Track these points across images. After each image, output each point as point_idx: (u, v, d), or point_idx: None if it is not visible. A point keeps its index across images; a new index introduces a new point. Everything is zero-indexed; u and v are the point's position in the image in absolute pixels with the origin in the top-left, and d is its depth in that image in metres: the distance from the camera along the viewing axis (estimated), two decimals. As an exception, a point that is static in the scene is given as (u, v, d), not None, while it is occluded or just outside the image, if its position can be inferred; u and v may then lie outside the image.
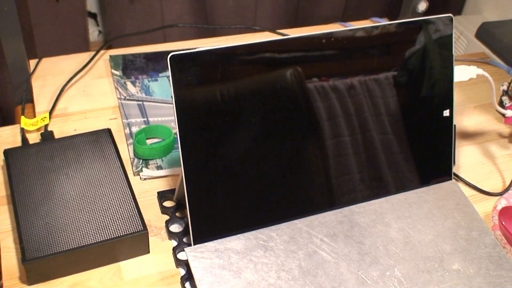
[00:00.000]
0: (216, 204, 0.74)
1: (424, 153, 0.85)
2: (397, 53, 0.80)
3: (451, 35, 0.82)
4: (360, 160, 0.81)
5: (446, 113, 0.84)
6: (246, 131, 0.74)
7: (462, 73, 0.85)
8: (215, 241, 0.75)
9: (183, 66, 0.69)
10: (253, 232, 0.76)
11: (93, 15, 1.41)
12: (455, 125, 0.86)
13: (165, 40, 1.35)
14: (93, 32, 1.43)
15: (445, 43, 0.82)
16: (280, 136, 0.76)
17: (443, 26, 0.81)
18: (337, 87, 0.78)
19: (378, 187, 0.82)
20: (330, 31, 0.76)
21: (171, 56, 0.68)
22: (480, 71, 0.86)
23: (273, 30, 1.21)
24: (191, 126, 0.71)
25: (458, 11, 1.47)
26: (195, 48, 1.11)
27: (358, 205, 0.81)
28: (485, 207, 0.88)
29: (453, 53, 0.83)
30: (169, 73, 0.69)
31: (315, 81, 0.76)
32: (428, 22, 0.80)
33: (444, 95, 0.84)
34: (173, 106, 0.69)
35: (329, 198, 0.80)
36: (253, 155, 0.75)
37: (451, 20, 0.81)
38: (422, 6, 1.22)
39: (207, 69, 0.71)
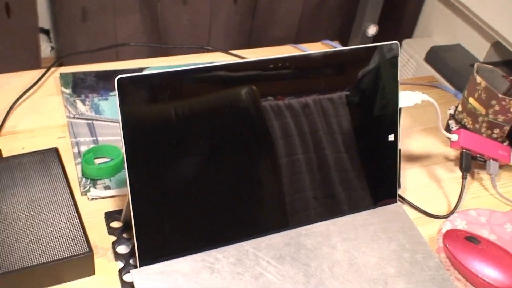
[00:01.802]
0: (162, 226, 0.74)
1: (372, 175, 0.86)
2: (350, 74, 0.82)
3: (397, 62, 0.84)
4: (313, 178, 0.82)
5: (391, 137, 0.86)
6: (196, 152, 0.74)
7: (407, 98, 0.87)
8: (162, 263, 0.74)
9: (131, 88, 0.69)
10: (200, 254, 0.76)
11: (46, 31, 1.40)
12: (399, 149, 0.87)
13: (117, 58, 1.34)
14: (46, 49, 1.41)
15: (391, 69, 0.84)
16: (233, 155, 0.76)
17: (389, 53, 0.83)
18: (292, 106, 0.78)
19: (330, 205, 0.83)
20: (282, 56, 0.77)
21: (118, 78, 0.68)
22: (425, 96, 0.88)
23: (225, 51, 1.22)
24: (138, 148, 0.71)
25: (408, 34, 1.50)
26: (145, 68, 1.12)
27: (305, 227, 0.82)
28: (430, 229, 0.90)
29: (399, 79, 0.84)
30: (116, 95, 0.69)
31: (270, 100, 0.77)
32: (375, 48, 0.82)
33: (389, 119, 0.85)
34: (120, 128, 0.69)
35: (281, 218, 0.80)
36: (202, 176, 0.75)
37: (397, 47, 0.83)
38: (372, 30, 1.25)
39: (155, 91, 0.71)
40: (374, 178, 0.86)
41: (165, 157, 0.73)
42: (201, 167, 0.75)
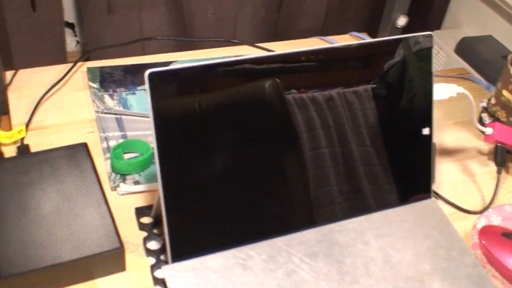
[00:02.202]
0: (194, 222, 0.73)
1: (403, 170, 0.84)
2: (376, 66, 0.80)
3: (431, 53, 0.82)
4: (339, 172, 0.80)
5: (426, 131, 0.84)
6: (225, 146, 0.73)
7: (442, 91, 0.85)
8: (193, 259, 0.74)
9: (161, 82, 0.68)
10: (232, 250, 0.75)
11: (71, 25, 1.39)
12: (434, 143, 0.86)
13: (143, 51, 1.34)
14: (71, 42, 1.41)
15: (425, 61, 0.82)
16: (259, 149, 0.75)
17: (423, 44, 0.81)
18: (316, 99, 0.77)
19: (356, 199, 0.82)
20: (311, 49, 0.76)
21: (149, 73, 0.67)
22: (460, 89, 0.86)
23: (252, 44, 1.20)
24: (169, 142, 0.70)
25: (437, 25, 1.48)
26: (172, 62, 1.11)
27: (337, 223, 0.80)
28: (465, 225, 0.88)
29: (433, 71, 0.83)
30: (147, 90, 0.68)
31: (293, 92, 0.76)
32: (408, 39, 0.80)
33: (423, 113, 0.84)
34: (150, 123, 0.68)
35: (308, 213, 0.79)
36: (232, 170, 0.74)
37: (431, 38, 0.81)
38: (402, 21, 1.23)
39: (185, 85, 0.70)
40: (406, 173, 0.85)
41: (195, 151, 0.72)
42: (230, 162, 0.74)
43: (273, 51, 1.18)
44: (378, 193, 0.83)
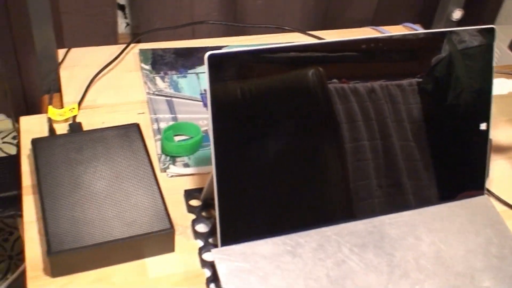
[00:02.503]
0: (245, 207, 0.73)
1: (453, 165, 0.83)
2: (423, 60, 0.79)
3: (492, 47, 0.80)
4: (378, 166, 0.79)
5: (483, 126, 0.83)
6: (273, 132, 0.73)
7: (501, 86, 0.83)
8: (242, 244, 0.73)
9: (220, 65, 0.68)
10: (281, 237, 0.75)
11: (121, 7, 1.40)
12: (490, 139, 0.84)
13: (193, 35, 1.34)
14: (121, 24, 1.42)
15: (485, 55, 0.80)
16: (304, 137, 0.74)
17: (485, 37, 0.79)
18: (357, 90, 0.76)
19: (395, 194, 0.81)
20: (369, 37, 0.75)
21: (209, 55, 0.67)
22: (520, 85, 0.84)
23: (303, 31, 1.19)
24: (225, 126, 0.70)
25: (491, 20, 1.45)
26: (223, 47, 1.10)
27: (389, 215, 0.79)
28: (516, 224, 0.86)
29: (493, 65, 0.81)
30: (203, 73, 0.68)
31: (335, 82, 0.75)
32: (468, 32, 0.79)
33: (481, 107, 0.82)
34: (208, 106, 0.68)
35: (348, 205, 0.78)
36: (280, 157, 0.74)
37: (493, 32, 0.80)
38: (457, 14, 1.20)
39: (241, 69, 0.70)
40: (456, 169, 0.83)
41: (249, 135, 0.72)
42: (279, 147, 0.73)
43: (323, 39, 1.17)
44: (418, 189, 0.81)
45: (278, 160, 0.74)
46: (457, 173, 0.84)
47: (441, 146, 0.82)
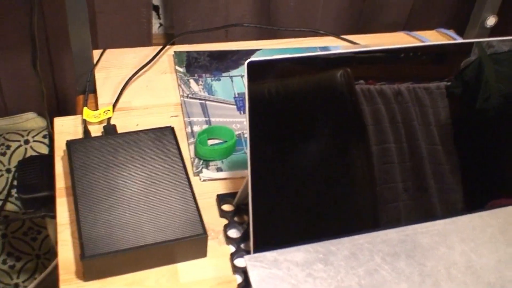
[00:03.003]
0: (278, 213, 0.74)
1: (484, 172, 0.83)
2: (452, 64, 0.79)
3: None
4: (405, 169, 0.79)
5: (520, 134, 0.82)
6: (307, 136, 0.73)
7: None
8: (275, 251, 0.74)
9: (259, 72, 0.69)
10: (313, 244, 0.75)
11: (155, 8, 1.41)
12: (526, 148, 0.84)
13: (227, 37, 1.34)
14: (154, 25, 1.43)
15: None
16: (334, 143, 0.75)
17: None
18: (384, 92, 0.76)
19: (422, 197, 0.80)
20: (403, 46, 0.75)
21: (248, 62, 0.67)
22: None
23: (337, 35, 1.19)
24: (261, 131, 0.71)
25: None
26: (257, 50, 1.11)
27: (421, 224, 0.79)
28: (550, 235, 0.86)
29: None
30: (245, 78, 0.68)
31: (362, 83, 0.75)
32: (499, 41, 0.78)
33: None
34: (246, 112, 0.69)
35: (374, 211, 0.78)
36: (313, 163, 0.74)
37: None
38: (491, 21, 1.19)
39: (279, 75, 0.70)
40: (487, 176, 0.83)
41: (284, 140, 0.72)
42: (314, 152, 0.74)
43: (357, 43, 1.17)
44: (443, 193, 0.81)
45: (310, 165, 0.74)
46: (487, 180, 0.83)
47: (469, 151, 0.82)
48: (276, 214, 0.73)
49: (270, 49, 1.13)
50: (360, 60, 0.74)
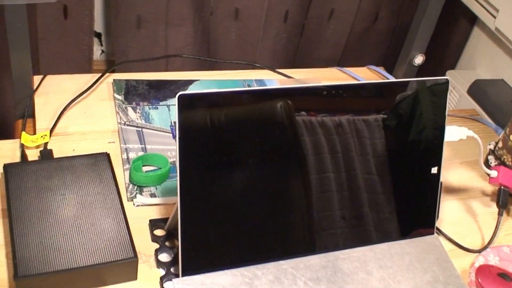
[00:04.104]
0: (206, 238, 0.77)
1: (408, 204, 0.88)
2: (388, 97, 0.83)
3: (446, 97, 0.85)
4: (342, 198, 0.83)
5: (434, 170, 0.87)
6: (240, 165, 0.76)
7: (453, 133, 0.88)
8: (203, 274, 0.77)
9: (189, 104, 0.72)
10: (240, 269, 0.78)
11: (97, 34, 1.43)
12: (441, 182, 0.89)
13: (167, 67, 1.38)
14: (96, 51, 1.45)
15: (440, 104, 0.85)
16: (270, 170, 0.78)
17: (439, 88, 0.85)
18: (325, 123, 0.80)
19: (358, 225, 0.85)
20: (336, 84, 0.79)
21: (179, 95, 0.70)
22: (470, 133, 0.89)
23: (272, 69, 1.24)
24: (191, 159, 0.73)
25: (452, 65, 1.51)
26: (195, 81, 1.14)
27: (342, 251, 0.84)
28: (463, 263, 0.91)
29: (447, 113, 0.86)
30: (174, 107, 0.71)
31: (303, 115, 0.79)
32: (424, 83, 0.84)
33: (433, 152, 0.87)
34: (176, 140, 0.72)
35: (310, 235, 0.82)
36: (245, 190, 0.77)
37: (447, 83, 0.85)
38: (419, 60, 1.26)
39: (210, 107, 0.73)
40: (411, 207, 0.88)
41: (214, 169, 0.75)
42: (244, 180, 0.77)
43: (292, 77, 1.22)
44: (379, 221, 0.86)
45: (243, 193, 0.77)
46: (412, 212, 0.88)
47: (400, 183, 0.86)
48: (205, 239, 0.76)
49: (207, 80, 1.17)
50: (301, 93, 0.78)
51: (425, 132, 0.86)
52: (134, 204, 0.90)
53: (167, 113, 1.06)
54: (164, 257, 0.83)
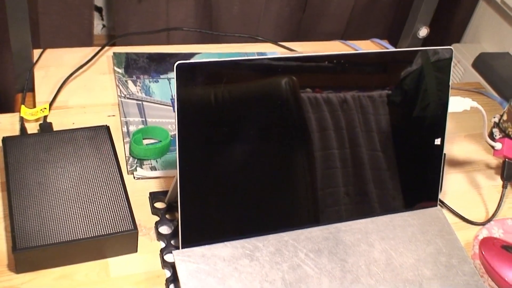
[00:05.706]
0: (207, 210, 0.76)
1: (412, 177, 0.87)
2: (393, 73, 0.82)
3: (450, 67, 0.84)
4: (347, 174, 0.83)
5: (438, 141, 0.86)
6: (241, 138, 0.76)
7: (456, 104, 0.87)
8: (203, 246, 0.76)
9: (188, 74, 0.71)
10: (240, 241, 0.78)
11: (98, 9, 1.42)
12: (445, 154, 0.88)
13: (168, 41, 1.36)
14: (97, 26, 1.44)
15: (443, 73, 0.84)
16: (273, 144, 0.77)
17: (443, 58, 0.83)
18: (330, 100, 0.79)
19: (362, 202, 0.84)
20: (331, 54, 0.78)
21: (177, 64, 0.69)
22: (474, 104, 0.88)
23: (275, 42, 1.23)
24: (190, 132, 0.73)
25: (457, 39, 1.50)
26: (196, 54, 1.13)
27: (344, 223, 0.83)
28: (467, 235, 0.90)
29: (450, 84, 0.85)
30: (174, 80, 0.71)
31: (308, 91, 0.78)
32: (428, 51, 0.83)
33: (437, 123, 0.86)
34: (175, 112, 0.71)
35: (314, 211, 0.81)
36: (246, 163, 0.77)
37: (451, 53, 0.84)
38: (423, 32, 1.24)
39: (209, 78, 0.72)
40: (414, 180, 0.87)
41: (214, 142, 0.74)
42: (245, 154, 0.76)
43: (295, 50, 1.21)
44: (383, 197, 0.85)
45: (244, 166, 0.77)
46: (415, 185, 0.88)
47: (403, 157, 0.86)
48: (205, 211, 0.76)
49: (209, 53, 1.15)
50: (306, 69, 0.77)
51: (430, 106, 0.84)
52: (134, 177, 0.89)
53: (167, 87, 1.05)
54: (165, 230, 0.82)
